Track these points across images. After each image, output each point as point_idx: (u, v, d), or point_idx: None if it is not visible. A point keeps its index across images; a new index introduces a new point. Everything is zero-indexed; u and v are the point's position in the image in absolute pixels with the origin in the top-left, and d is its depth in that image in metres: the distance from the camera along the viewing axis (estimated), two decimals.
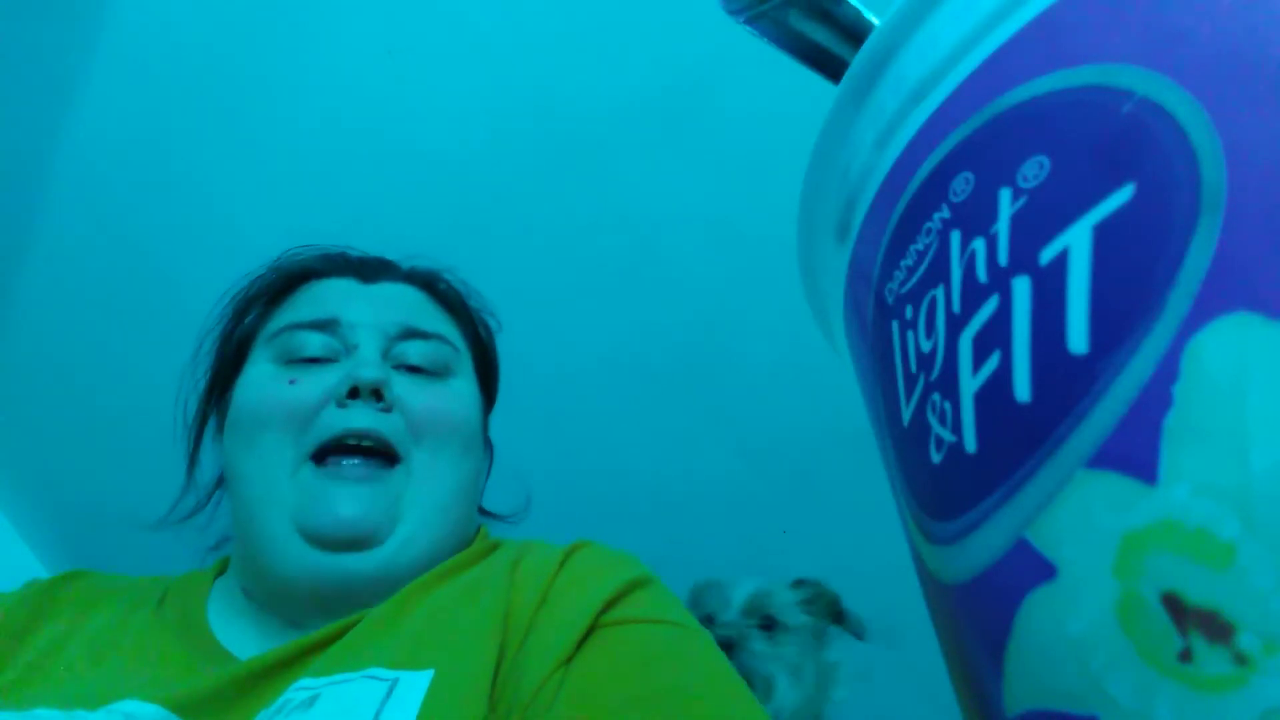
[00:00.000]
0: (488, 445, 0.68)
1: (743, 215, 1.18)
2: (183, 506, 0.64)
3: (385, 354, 0.59)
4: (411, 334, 0.60)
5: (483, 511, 0.68)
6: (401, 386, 0.57)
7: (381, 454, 0.55)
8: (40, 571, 1.34)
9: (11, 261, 1.28)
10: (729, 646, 0.90)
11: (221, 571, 0.62)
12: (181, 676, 0.48)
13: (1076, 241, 0.19)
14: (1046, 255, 0.19)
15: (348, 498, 0.52)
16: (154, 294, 1.27)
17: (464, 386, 0.62)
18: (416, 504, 0.55)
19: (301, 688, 0.44)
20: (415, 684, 0.43)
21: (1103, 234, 0.19)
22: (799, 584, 1.03)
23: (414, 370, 0.59)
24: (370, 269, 0.65)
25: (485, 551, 0.60)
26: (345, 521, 0.51)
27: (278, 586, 0.53)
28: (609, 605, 0.49)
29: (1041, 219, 0.20)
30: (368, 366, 0.56)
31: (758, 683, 0.90)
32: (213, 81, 1.18)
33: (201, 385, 0.64)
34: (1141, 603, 0.16)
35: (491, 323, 0.71)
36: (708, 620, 0.97)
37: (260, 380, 0.57)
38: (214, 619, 0.55)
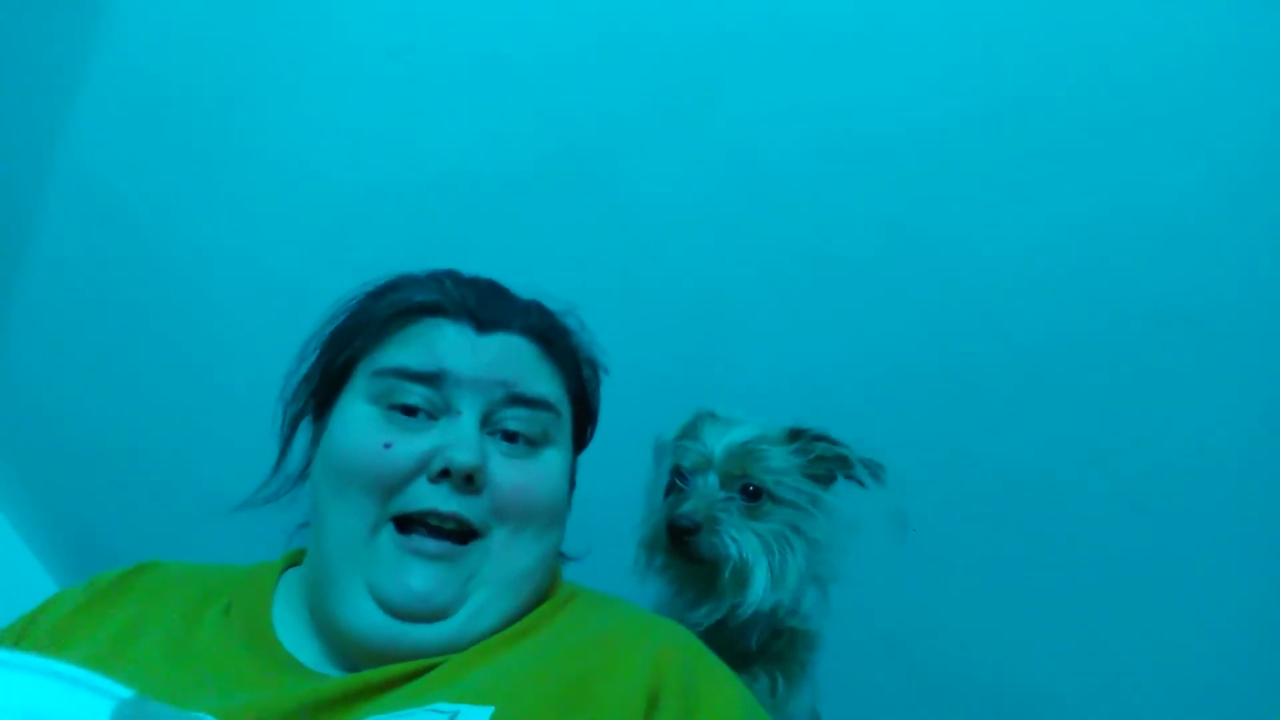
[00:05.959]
0: (571, 486, 0.67)
1: (744, 215, 1.18)
2: (265, 492, 0.65)
3: (486, 420, 0.59)
4: (516, 400, 0.60)
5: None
6: (495, 463, 0.58)
7: (461, 531, 0.56)
8: (40, 573, 1.34)
9: (12, 265, 1.27)
10: (692, 529, 0.71)
11: (293, 562, 0.63)
12: (253, 688, 0.51)
13: None
14: None
15: (421, 573, 0.54)
16: (154, 298, 1.27)
17: (556, 459, 0.62)
18: (490, 580, 0.57)
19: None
20: (475, 717, 0.44)
21: None
22: (795, 435, 0.75)
23: (511, 437, 0.60)
24: (487, 312, 0.63)
25: (559, 605, 0.61)
26: (417, 595, 0.54)
27: (344, 639, 0.55)
28: None
29: None
30: (464, 449, 0.56)
31: (730, 574, 0.70)
32: (213, 84, 1.18)
33: (299, 387, 0.65)
34: None
35: (600, 370, 0.71)
36: (677, 475, 0.77)
37: (357, 425, 0.58)
38: (279, 624, 0.58)
